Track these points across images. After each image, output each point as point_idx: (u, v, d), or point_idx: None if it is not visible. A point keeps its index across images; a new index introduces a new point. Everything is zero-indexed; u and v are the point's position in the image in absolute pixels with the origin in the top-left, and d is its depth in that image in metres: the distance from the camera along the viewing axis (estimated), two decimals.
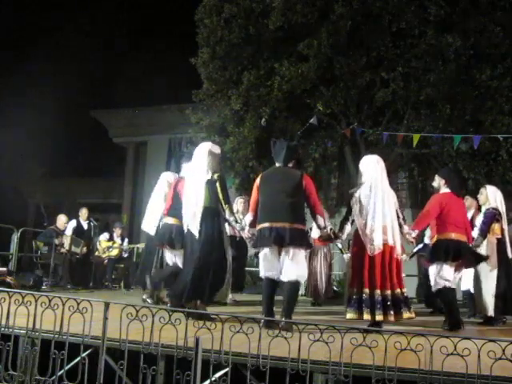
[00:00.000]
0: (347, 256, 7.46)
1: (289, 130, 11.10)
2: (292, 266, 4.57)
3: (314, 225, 6.72)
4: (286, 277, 4.59)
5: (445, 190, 5.34)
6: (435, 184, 5.44)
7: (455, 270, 5.17)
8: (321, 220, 4.72)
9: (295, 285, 4.63)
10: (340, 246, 7.88)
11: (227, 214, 4.94)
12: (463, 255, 5.14)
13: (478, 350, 2.71)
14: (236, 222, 4.95)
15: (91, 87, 23.27)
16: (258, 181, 4.86)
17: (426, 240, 6.92)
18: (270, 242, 4.55)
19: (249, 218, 4.89)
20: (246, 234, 4.92)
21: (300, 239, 4.59)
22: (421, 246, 7.17)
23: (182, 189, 5.29)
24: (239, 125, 11.53)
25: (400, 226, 4.75)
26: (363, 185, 4.75)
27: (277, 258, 4.62)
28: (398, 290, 4.56)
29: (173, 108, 17.70)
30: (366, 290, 4.52)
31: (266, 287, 4.67)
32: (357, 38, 10.91)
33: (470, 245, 5.35)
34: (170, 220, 5.74)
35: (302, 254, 4.67)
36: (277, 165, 4.86)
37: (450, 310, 5.08)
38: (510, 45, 10.25)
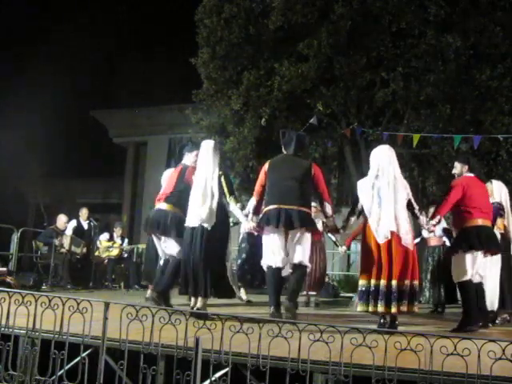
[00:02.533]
0: (342, 249, 7.46)
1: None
2: (300, 249, 4.56)
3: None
4: (294, 259, 4.57)
5: (468, 174, 5.11)
6: (457, 171, 5.20)
7: (483, 257, 4.95)
8: (328, 208, 4.73)
9: (304, 268, 4.63)
10: (334, 238, 7.73)
11: (231, 205, 4.88)
12: (492, 243, 4.95)
13: (478, 350, 2.71)
14: (242, 209, 4.90)
15: (91, 87, 23.30)
16: (266, 166, 4.84)
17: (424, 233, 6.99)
18: (277, 222, 4.51)
19: (252, 202, 4.86)
20: (250, 223, 4.79)
21: (309, 222, 4.60)
22: (419, 239, 7.14)
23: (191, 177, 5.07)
24: (239, 125, 11.53)
25: (416, 216, 4.60)
26: (370, 173, 4.63)
27: (283, 243, 4.58)
28: (407, 281, 4.33)
29: (173, 108, 17.74)
30: (373, 281, 4.38)
31: (271, 276, 4.63)
32: (357, 38, 10.91)
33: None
34: (164, 206, 5.35)
35: (309, 239, 4.65)
36: (286, 153, 4.86)
37: (466, 306, 4.87)
38: (510, 45, 10.26)
